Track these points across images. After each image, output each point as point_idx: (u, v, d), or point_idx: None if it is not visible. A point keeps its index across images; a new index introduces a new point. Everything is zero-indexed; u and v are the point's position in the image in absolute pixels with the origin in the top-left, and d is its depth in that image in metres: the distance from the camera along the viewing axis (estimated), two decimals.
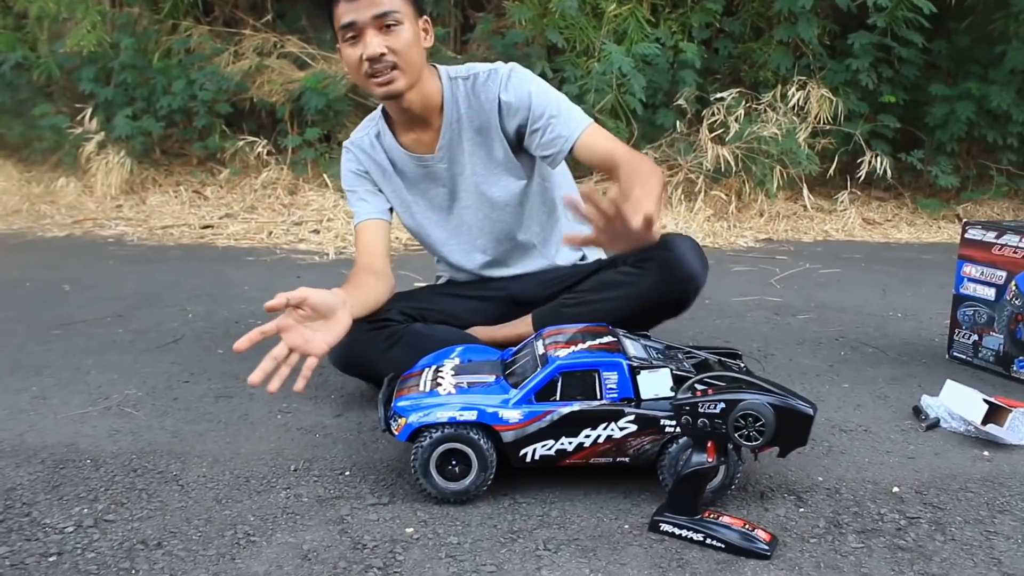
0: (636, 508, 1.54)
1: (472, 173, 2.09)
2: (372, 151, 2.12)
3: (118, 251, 4.01)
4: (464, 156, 2.08)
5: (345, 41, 1.88)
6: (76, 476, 1.63)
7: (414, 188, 2.15)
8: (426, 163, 2.08)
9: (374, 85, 1.91)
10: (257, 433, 1.86)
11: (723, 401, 1.40)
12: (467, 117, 2.04)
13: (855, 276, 3.75)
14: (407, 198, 2.16)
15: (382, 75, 1.89)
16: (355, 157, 2.14)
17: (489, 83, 2.02)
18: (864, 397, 2.16)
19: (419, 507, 1.53)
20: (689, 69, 5.05)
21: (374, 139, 2.12)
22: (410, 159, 2.09)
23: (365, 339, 1.93)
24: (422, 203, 2.16)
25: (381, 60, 1.86)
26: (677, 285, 1.98)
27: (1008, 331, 2.31)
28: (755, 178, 4.99)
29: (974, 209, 5.56)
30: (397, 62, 1.88)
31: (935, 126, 5.48)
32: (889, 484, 1.66)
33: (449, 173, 2.10)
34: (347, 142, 2.16)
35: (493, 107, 2.02)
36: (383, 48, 1.85)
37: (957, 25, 5.61)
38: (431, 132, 2.06)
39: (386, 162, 2.12)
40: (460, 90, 2.04)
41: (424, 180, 2.13)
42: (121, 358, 2.37)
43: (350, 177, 2.15)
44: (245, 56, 5.66)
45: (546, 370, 1.53)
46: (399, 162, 2.11)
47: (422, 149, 2.08)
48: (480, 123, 2.05)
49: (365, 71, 1.89)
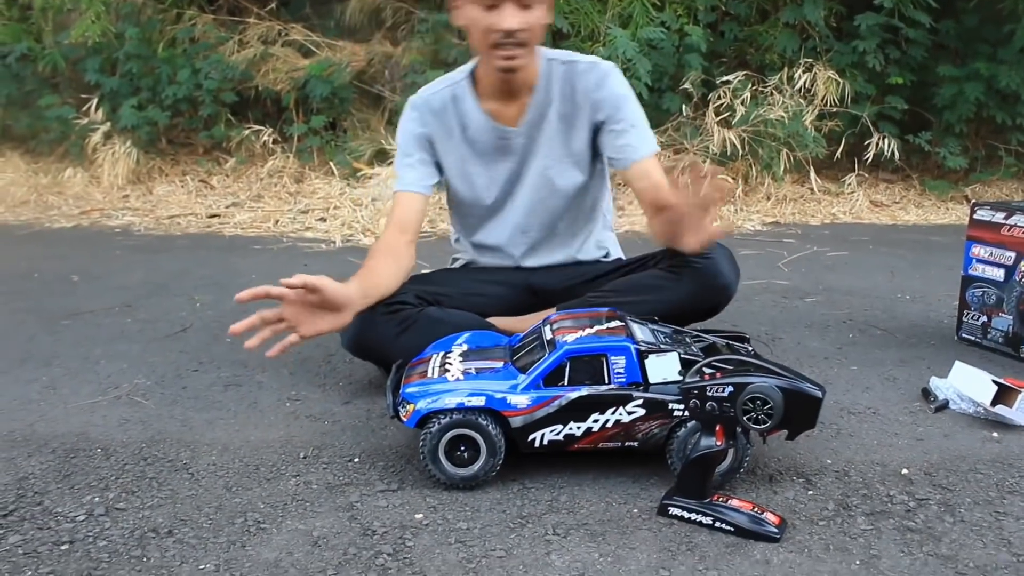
0: (645, 492, 1.54)
1: (544, 156, 2.10)
2: (442, 113, 2.09)
3: (125, 241, 4.02)
4: (542, 137, 2.09)
5: (477, 3, 1.85)
6: (87, 465, 1.64)
7: (480, 158, 2.12)
8: (506, 135, 2.08)
9: (497, 56, 1.90)
10: (266, 421, 1.87)
11: (731, 384, 1.40)
12: (557, 101, 2.06)
13: (863, 259, 3.74)
14: (469, 167, 2.13)
15: (508, 50, 1.88)
16: (420, 118, 2.10)
17: (589, 75, 2.05)
18: (873, 379, 2.15)
19: (428, 493, 1.53)
20: (695, 52, 5.02)
21: (448, 101, 2.08)
22: (491, 127, 2.07)
23: (379, 322, 1.93)
24: (484, 175, 2.14)
25: (514, 36, 1.86)
26: (712, 295, 1.99)
27: (1017, 312, 2.30)
28: (762, 161, 4.97)
29: (982, 190, 5.53)
30: (526, 40, 1.89)
31: (943, 107, 5.44)
32: (898, 466, 1.66)
33: (523, 150, 2.10)
34: (414, 99, 2.11)
35: (586, 100, 2.05)
36: (519, 25, 1.84)
37: (965, 4, 5.56)
38: (517, 106, 2.06)
39: (456, 127, 2.09)
40: (556, 72, 2.06)
41: (494, 152, 2.11)
42: (130, 347, 2.38)
43: (408, 138, 2.11)
44: (250, 44, 5.64)
45: (554, 355, 1.53)
46: (474, 128, 2.09)
47: (504, 121, 2.07)
48: (568, 111, 2.07)
49: (492, 40, 1.88)
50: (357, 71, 5.62)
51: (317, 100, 5.37)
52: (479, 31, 1.89)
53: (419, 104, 2.10)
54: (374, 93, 5.70)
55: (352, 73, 5.52)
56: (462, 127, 2.09)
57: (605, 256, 2.31)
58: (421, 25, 5.55)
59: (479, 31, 1.89)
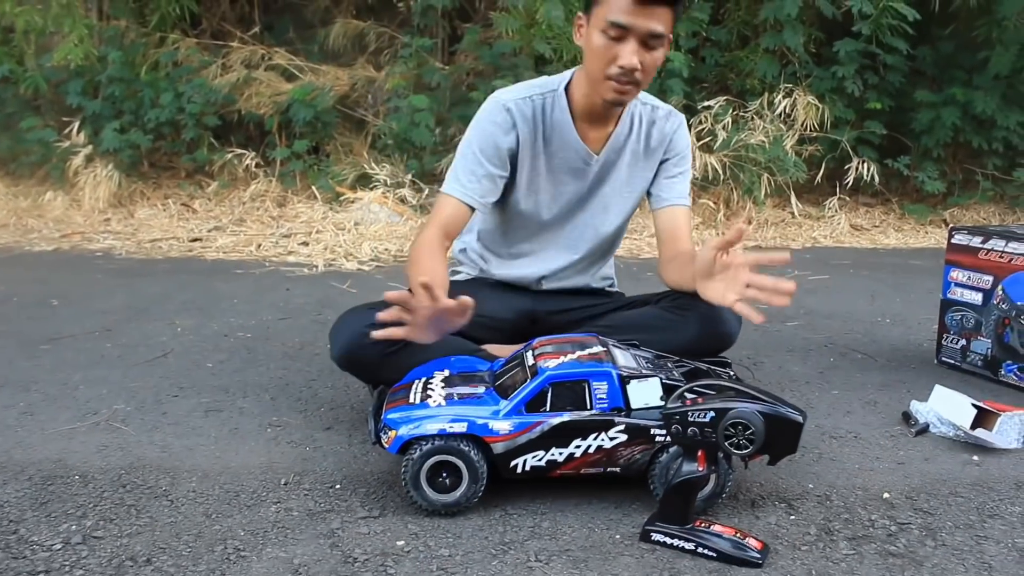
0: (627, 518, 1.54)
1: (610, 186, 2.12)
2: (531, 120, 2.03)
3: (106, 265, 3.99)
4: (614, 169, 2.10)
5: (604, 31, 1.82)
6: (64, 492, 1.62)
7: (552, 174, 2.09)
8: (588, 159, 2.07)
9: (609, 89, 1.89)
10: (247, 447, 1.85)
11: (713, 410, 1.40)
12: (635, 137, 2.08)
13: (844, 282, 3.77)
14: (539, 180, 2.09)
15: (622, 84, 1.87)
16: (508, 122, 2.01)
17: (669, 121, 2.11)
18: (854, 403, 2.16)
19: (410, 519, 1.52)
20: (676, 78, 5.07)
21: (538, 108, 2.03)
22: (579, 147, 2.05)
23: (371, 343, 1.88)
24: (550, 191, 2.11)
25: (631, 74, 1.85)
26: (715, 340, 1.99)
27: (995, 335, 2.32)
28: (743, 186, 5.01)
29: (961, 214, 5.60)
30: (641, 80, 1.88)
31: (921, 132, 5.52)
32: (879, 490, 1.66)
33: (596, 177, 2.10)
34: (506, 100, 2.02)
35: (663, 143, 2.11)
36: (639, 64, 1.84)
37: (941, 31, 5.65)
38: (602, 133, 2.06)
39: (540, 137, 2.04)
40: (637, 110, 2.08)
41: (570, 171, 2.09)
42: (110, 373, 2.36)
43: (489, 144, 2.00)
44: (233, 68, 5.66)
45: (536, 381, 1.53)
46: (559, 143, 2.05)
47: (588, 143, 2.07)
48: (642, 149, 2.10)
49: (609, 72, 1.86)
50: (340, 95, 5.64)
51: (300, 124, 5.38)
52: (598, 58, 1.87)
53: (511, 107, 2.01)
54: (357, 117, 5.73)
55: (335, 97, 5.55)
56: (545, 139, 2.05)
57: (610, 286, 2.33)
58: (404, 50, 5.59)
59: (598, 58, 1.87)
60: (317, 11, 6.27)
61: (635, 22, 1.79)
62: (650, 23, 1.79)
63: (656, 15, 1.79)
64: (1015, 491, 1.66)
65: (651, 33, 1.80)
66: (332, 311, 3.05)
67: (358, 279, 3.70)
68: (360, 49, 6.00)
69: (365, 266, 3.98)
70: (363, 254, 4.19)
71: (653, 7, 1.78)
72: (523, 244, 2.19)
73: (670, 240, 2.08)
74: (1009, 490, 1.67)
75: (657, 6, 1.79)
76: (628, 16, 1.79)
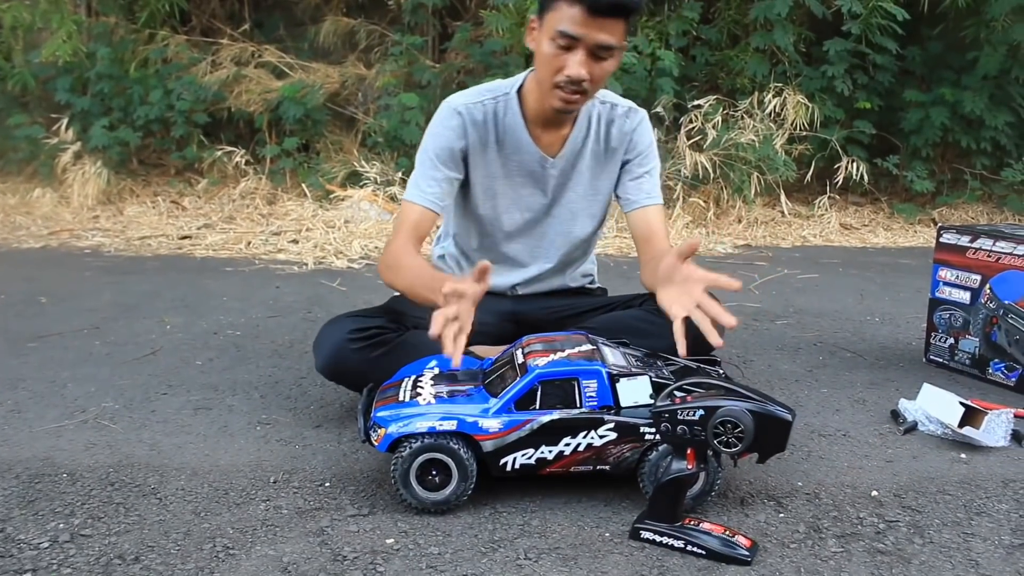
0: (617, 516, 1.54)
1: (574, 190, 2.11)
2: (483, 124, 2.03)
3: (95, 262, 3.98)
4: (574, 172, 2.09)
5: (554, 39, 1.81)
6: (52, 491, 1.61)
7: (510, 179, 2.08)
8: (544, 163, 2.06)
9: (556, 97, 1.88)
10: (236, 445, 1.85)
11: (702, 408, 1.40)
12: (593, 138, 2.07)
13: (833, 281, 3.78)
14: (496, 186, 2.08)
15: (568, 93, 1.87)
16: (462, 125, 2.01)
17: (627, 119, 2.08)
18: (843, 402, 2.17)
19: (400, 518, 1.52)
20: (667, 77, 5.08)
21: (490, 113, 2.03)
22: (532, 152, 2.04)
23: (356, 348, 1.89)
24: (509, 196, 2.10)
25: (579, 84, 1.84)
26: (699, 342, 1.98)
27: (983, 334, 2.33)
28: (733, 184, 5.02)
29: (949, 213, 5.62)
30: (589, 90, 1.87)
31: (910, 131, 5.54)
32: (868, 488, 1.67)
33: (557, 182, 2.09)
34: (457, 104, 2.03)
35: (623, 143, 2.08)
36: (587, 75, 1.83)
37: (930, 32, 5.68)
38: (557, 136, 2.05)
39: (493, 141, 2.04)
40: (595, 111, 2.07)
41: (527, 176, 2.08)
42: (98, 370, 2.35)
43: (443, 149, 2.01)
44: (223, 66, 5.64)
45: (525, 379, 1.53)
46: (513, 147, 2.04)
47: (542, 148, 2.06)
48: (603, 150, 2.08)
49: (556, 81, 1.86)
50: (330, 93, 5.63)
51: (290, 122, 5.37)
52: (546, 66, 1.87)
53: (462, 112, 2.02)
54: (347, 115, 5.71)
55: (325, 95, 5.53)
56: (499, 143, 2.05)
57: (591, 283, 2.32)
58: (394, 48, 5.58)
59: (546, 66, 1.87)
60: (307, 8, 6.25)
61: (585, 33, 1.78)
62: (600, 35, 1.78)
63: (607, 27, 1.78)
64: (1002, 488, 1.67)
65: (600, 45, 1.80)
66: (322, 309, 3.05)
67: (348, 277, 3.70)
68: (350, 47, 5.99)
69: (355, 264, 3.98)
70: (353, 252, 4.18)
71: (604, 19, 1.77)
72: (493, 251, 2.18)
73: (645, 241, 2.06)
74: (996, 488, 1.68)
75: (608, 18, 1.78)
76: (578, 27, 1.78)
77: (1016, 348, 2.25)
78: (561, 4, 1.79)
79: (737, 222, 5.03)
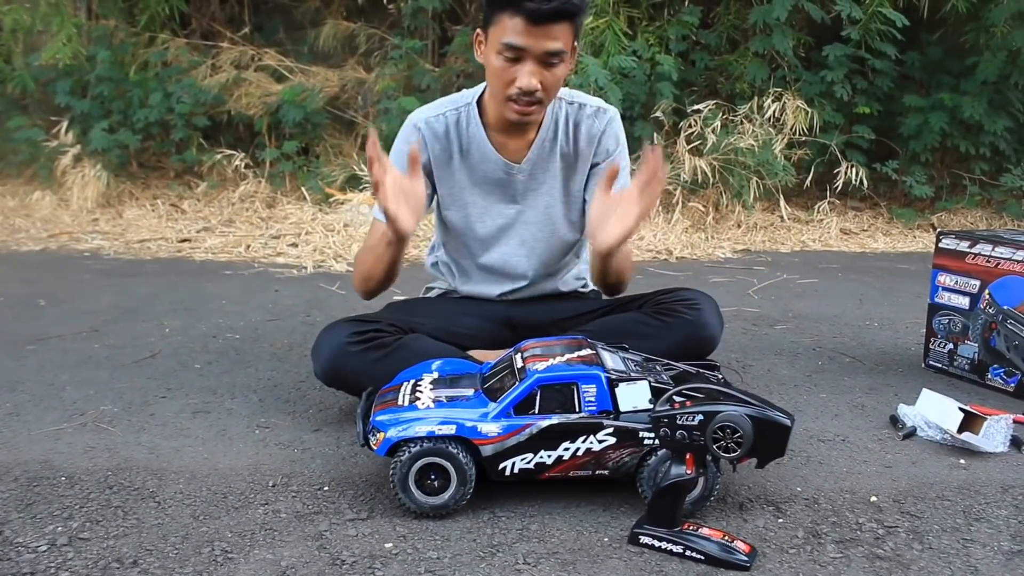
0: (616, 521, 1.54)
1: (547, 193, 2.09)
2: (444, 137, 2.04)
3: (94, 265, 3.98)
4: (545, 175, 2.08)
5: (501, 53, 1.82)
6: (50, 494, 1.61)
7: (478, 188, 2.08)
8: (510, 169, 2.05)
9: (511, 110, 1.89)
10: (235, 448, 1.85)
11: (701, 413, 1.40)
12: (561, 140, 2.06)
13: (832, 286, 3.78)
14: (465, 196, 2.09)
15: (522, 105, 1.87)
16: (422, 139, 2.03)
17: (595, 119, 2.06)
18: (842, 407, 2.17)
19: (398, 522, 1.52)
20: (666, 81, 5.08)
21: (451, 124, 2.03)
22: (496, 159, 2.04)
23: (353, 352, 1.89)
24: (480, 204, 2.10)
25: (531, 95, 1.84)
26: (697, 346, 1.98)
27: (982, 339, 2.33)
28: (732, 189, 5.02)
29: (948, 218, 5.62)
30: (543, 99, 1.87)
31: (909, 136, 5.54)
32: (867, 493, 1.67)
33: (524, 187, 2.08)
34: (417, 119, 2.04)
35: (592, 143, 2.06)
36: (538, 85, 1.83)
37: (929, 37, 5.68)
38: (523, 142, 2.04)
39: (457, 152, 2.05)
40: (562, 112, 2.05)
41: (494, 184, 2.08)
42: (97, 373, 2.35)
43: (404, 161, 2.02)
44: (223, 69, 5.64)
45: (525, 383, 1.53)
46: (478, 156, 2.04)
47: (508, 154, 2.05)
48: (572, 151, 2.07)
49: (509, 94, 1.86)
50: (330, 97, 5.64)
51: (290, 125, 5.37)
52: (497, 79, 1.87)
53: (421, 127, 2.04)
54: (347, 119, 5.72)
55: (325, 99, 5.54)
56: (463, 153, 2.05)
57: (583, 287, 2.31)
58: (394, 52, 5.59)
59: (497, 79, 1.87)
60: (307, 12, 6.26)
61: (531, 43, 1.78)
62: (546, 43, 1.78)
63: (552, 33, 1.78)
64: (1001, 495, 1.67)
65: (548, 52, 1.79)
66: (321, 312, 3.05)
67: (347, 281, 3.69)
68: (350, 50, 6.00)
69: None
70: (352, 255, 4.17)
71: (548, 26, 1.76)
72: (476, 260, 2.18)
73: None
74: (995, 494, 1.68)
75: (551, 24, 1.77)
76: (523, 38, 1.78)
77: (1015, 353, 2.25)
78: (503, 16, 1.79)
79: (736, 227, 5.03)
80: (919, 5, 5.34)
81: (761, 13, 5.15)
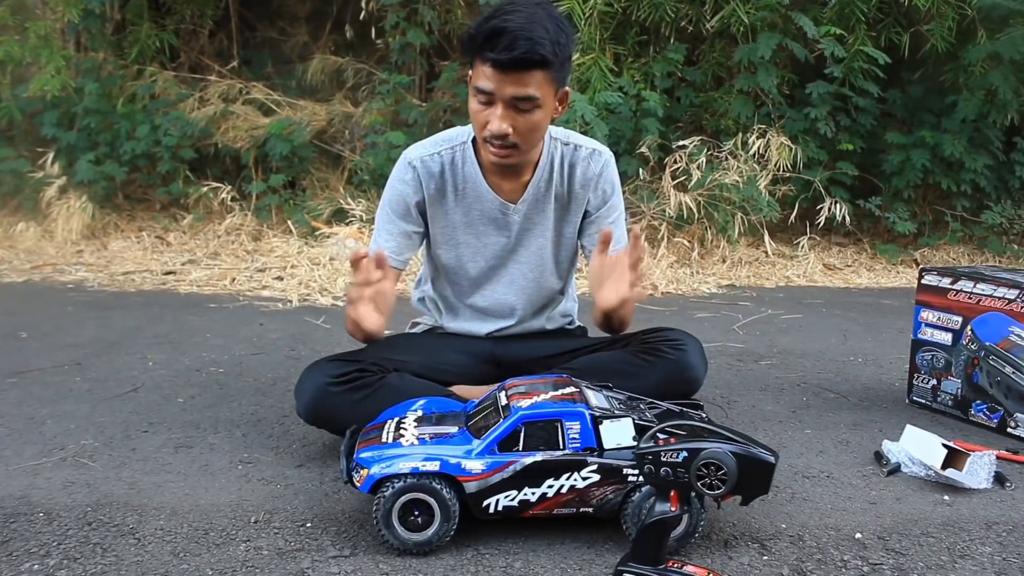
0: (600, 558, 1.53)
1: (540, 235, 2.10)
2: (439, 175, 2.04)
3: (78, 297, 3.95)
4: (540, 216, 2.09)
5: (474, 96, 1.84)
6: (27, 530, 1.59)
7: (472, 227, 2.09)
8: (505, 210, 2.06)
9: (489, 152, 1.90)
10: (217, 484, 1.83)
11: (685, 450, 1.40)
12: (556, 181, 2.07)
13: (816, 322, 3.80)
14: (457, 235, 2.09)
15: (496, 148, 1.87)
16: (417, 178, 2.04)
17: (591, 162, 2.07)
18: (826, 443, 2.17)
19: (381, 559, 1.51)
20: (652, 117, 5.12)
21: (447, 163, 2.04)
22: (492, 199, 2.04)
23: (336, 393, 1.88)
24: (473, 244, 2.10)
25: (503, 138, 1.85)
26: (680, 385, 1.99)
27: (965, 375, 2.34)
28: (717, 225, 5.05)
29: (931, 254, 5.67)
30: (518, 143, 1.87)
31: (892, 173, 5.60)
32: (852, 530, 1.67)
33: (519, 228, 2.09)
34: (412, 157, 2.05)
35: (587, 185, 2.08)
36: (508, 130, 1.83)
37: (910, 76, 5.76)
38: (518, 183, 2.05)
39: (451, 191, 2.05)
40: (557, 153, 2.06)
41: (489, 223, 2.08)
42: (78, 407, 2.33)
43: (399, 203, 2.05)
44: (210, 102, 5.66)
45: (509, 420, 1.53)
46: (473, 196, 2.05)
47: (503, 195, 2.05)
48: (566, 192, 2.08)
49: (484, 136, 1.87)
50: (317, 130, 5.66)
51: (277, 159, 5.39)
52: (474, 121, 1.89)
53: (417, 165, 2.04)
54: (334, 153, 5.74)
55: (312, 132, 5.56)
56: (458, 192, 2.05)
57: (569, 324, 2.31)
58: (382, 87, 5.62)
59: (474, 121, 1.89)
60: (295, 47, 6.30)
61: (496, 88, 1.80)
62: (511, 89, 1.79)
63: (520, 80, 1.79)
64: (985, 531, 1.67)
65: (516, 97, 1.80)
66: (306, 347, 3.04)
67: (332, 314, 3.69)
68: (338, 85, 6.04)
69: (340, 301, 3.96)
70: (338, 289, 4.17)
71: (514, 73, 1.78)
72: (465, 299, 2.18)
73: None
74: (979, 530, 1.68)
75: (517, 72, 1.78)
76: (490, 83, 1.79)
77: (998, 389, 2.27)
78: (476, 62, 1.82)
79: (721, 262, 5.06)
80: (900, 44, 5.43)
81: (746, 52, 5.22)
